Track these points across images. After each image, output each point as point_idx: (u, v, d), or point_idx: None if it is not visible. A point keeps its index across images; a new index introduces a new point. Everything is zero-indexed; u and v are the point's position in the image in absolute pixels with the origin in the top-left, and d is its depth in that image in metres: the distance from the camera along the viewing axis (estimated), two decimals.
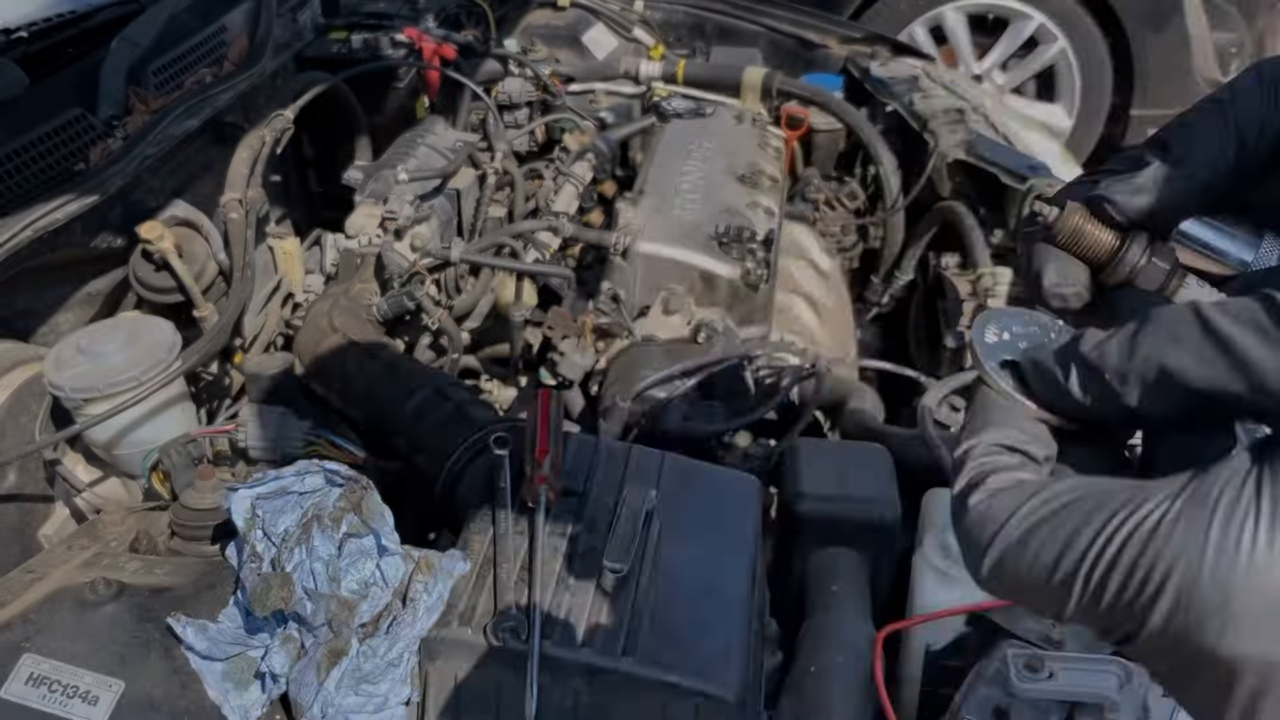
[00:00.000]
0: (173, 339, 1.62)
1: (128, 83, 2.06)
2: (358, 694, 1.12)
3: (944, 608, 1.31)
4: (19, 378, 1.60)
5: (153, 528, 1.39)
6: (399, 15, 2.85)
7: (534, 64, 2.71)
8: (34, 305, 1.82)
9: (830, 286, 2.43)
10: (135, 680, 1.12)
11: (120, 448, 1.58)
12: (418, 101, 2.72)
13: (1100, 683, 1.16)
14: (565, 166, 2.40)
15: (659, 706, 1.13)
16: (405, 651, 1.13)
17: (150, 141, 1.93)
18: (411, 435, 1.66)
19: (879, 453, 1.56)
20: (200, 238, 1.94)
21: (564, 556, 1.25)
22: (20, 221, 1.66)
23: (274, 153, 2.19)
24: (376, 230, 2.07)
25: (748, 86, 2.75)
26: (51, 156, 1.86)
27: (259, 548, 1.13)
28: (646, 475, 1.39)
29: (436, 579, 1.17)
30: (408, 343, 2.04)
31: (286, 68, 2.51)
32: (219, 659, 1.14)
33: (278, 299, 2.15)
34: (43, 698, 1.09)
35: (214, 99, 2.12)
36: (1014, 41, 4.54)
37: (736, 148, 2.43)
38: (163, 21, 2.18)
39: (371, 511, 1.15)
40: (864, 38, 3.12)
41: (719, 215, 2.11)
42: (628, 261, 2.02)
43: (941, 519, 1.42)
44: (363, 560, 1.14)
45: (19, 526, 1.55)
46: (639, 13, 3.21)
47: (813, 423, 1.76)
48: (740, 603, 1.23)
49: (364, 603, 1.13)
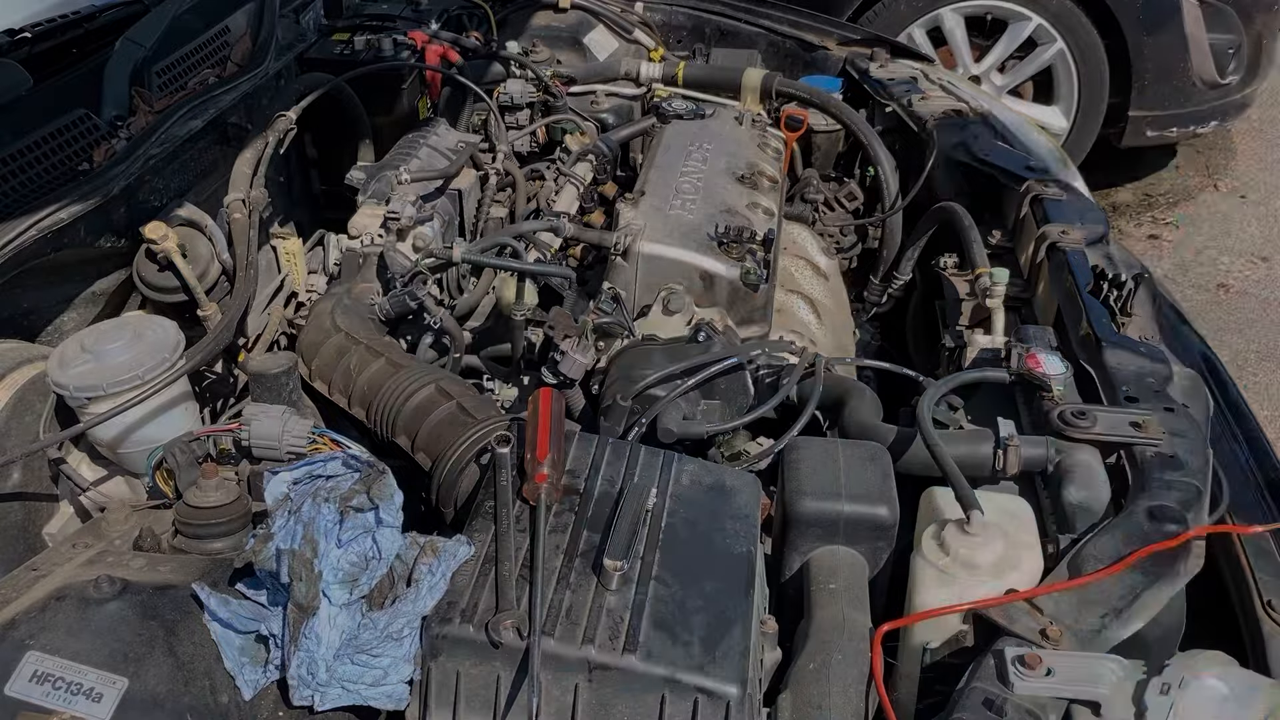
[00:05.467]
0: (176, 338, 1.63)
1: (131, 83, 2.07)
2: (354, 663, 1.15)
3: (942, 605, 1.32)
4: (23, 377, 1.61)
5: (156, 526, 1.40)
6: (401, 17, 2.86)
7: (535, 65, 2.72)
8: (38, 305, 1.83)
9: (829, 286, 2.44)
10: (139, 677, 1.13)
11: (124, 446, 1.59)
12: (420, 103, 2.73)
13: (1097, 680, 1.17)
14: (566, 167, 2.41)
15: (659, 703, 1.14)
16: (406, 628, 1.16)
17: (154, 142, 1.94)
18: (413, 434, 1.67)
19: (878, 452, 1.57)
20: (204, 238, 1.95)
21: (565, 554, 1.26)
22: (25, 221, 1.67)
23: (277, 153, 2.20)
24: (379, 230, 2.08)
25: (747, 88, 2.76)
26: (55, 157, 1.87)
27: (277, 523, 1.19)
28: (647, 474, 1.40)
29: (440, 561, 1.19)
30: (410, 342, 2.05)
31: (289, 69, 2.52)
32: (238, 631, 1.18)
33: (280, 299, 2.16)
34: (46, 695, 1.10)
35: (217, 100, 2.13)
36: (1012, 43, 4.55)
37: (736, 149, 2.44)
38: (166, 23, 2.19)
39: (382, 491, 1.19)
40: (863, 39, 3.12)
41: (719, 216, 2.12)
42: (628, 261, 2.03)
43: (939, 517, 1.43)
44: (364, 536, 1.18)
45: (23, 524, 1.56)
46: (639, 15, 3.22)
47: (812, 422, 1.76)
48: (740, 600, 1.23)
49: (362, 574, 1.16)
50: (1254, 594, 1.44)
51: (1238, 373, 3.81)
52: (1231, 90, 4.56)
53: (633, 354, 1.84)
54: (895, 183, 2.60)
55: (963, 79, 3.25)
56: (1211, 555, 1.46)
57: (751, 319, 2.04)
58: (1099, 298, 1.87)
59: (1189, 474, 1.46)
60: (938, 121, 2.54)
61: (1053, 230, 2.05)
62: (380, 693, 1.17)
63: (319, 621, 1.14)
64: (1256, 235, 4.72)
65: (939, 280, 2.30)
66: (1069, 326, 1.85)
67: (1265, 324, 4.17)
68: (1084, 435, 1.55)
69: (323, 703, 1.16)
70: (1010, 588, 1.31)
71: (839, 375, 1.86)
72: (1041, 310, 2.07)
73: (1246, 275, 4.46)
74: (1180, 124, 4.57)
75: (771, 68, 2.99)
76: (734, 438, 1.77)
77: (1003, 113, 2.82)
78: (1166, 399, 1.62)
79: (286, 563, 1.15)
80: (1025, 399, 1.73)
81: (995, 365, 1.74)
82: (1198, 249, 4.65)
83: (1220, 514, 1.56)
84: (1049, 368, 1.66)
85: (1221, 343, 4.02)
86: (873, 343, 2.67)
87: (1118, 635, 1.26)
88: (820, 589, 1.43)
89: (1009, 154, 2.41)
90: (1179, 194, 5.06)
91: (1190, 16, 4.33)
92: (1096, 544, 1.35)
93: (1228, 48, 4.46)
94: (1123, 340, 1.74)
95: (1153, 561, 1.32)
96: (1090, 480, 1.50)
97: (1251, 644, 1.39)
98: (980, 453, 1.57)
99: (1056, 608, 1.27)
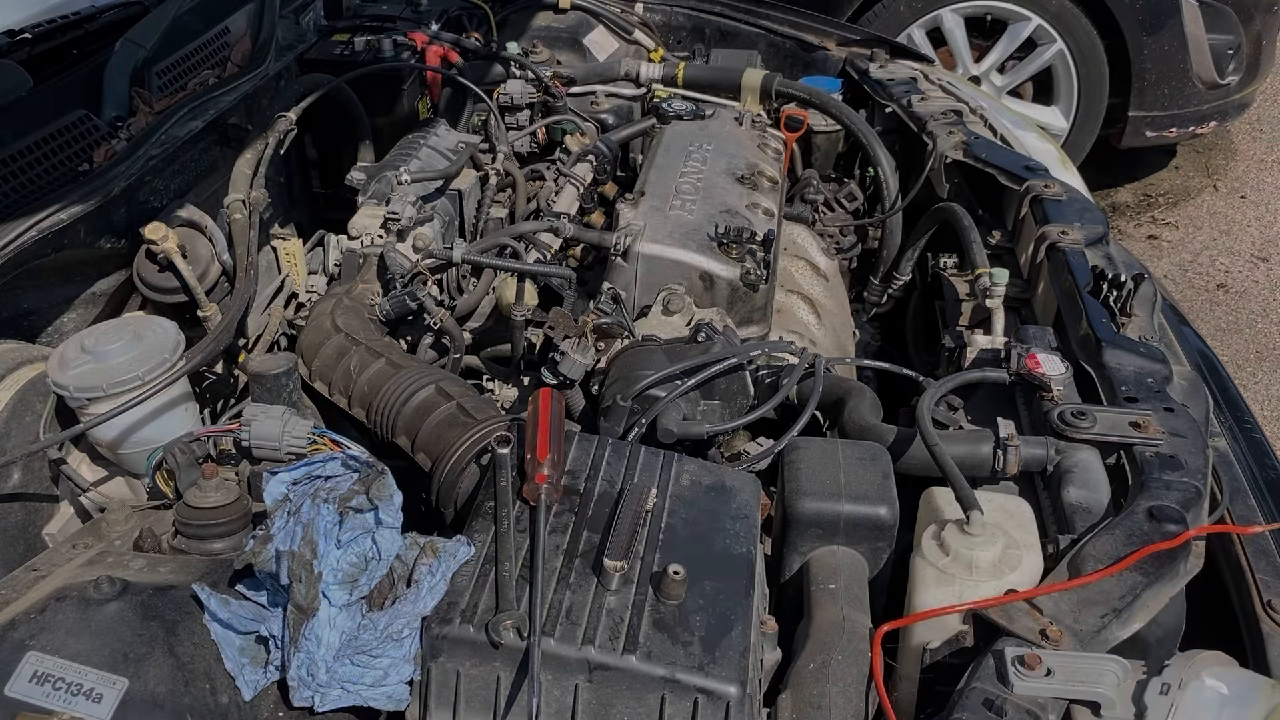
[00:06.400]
0: (176, 339, 1.63)
1: (132, 84, 2.07)
2: (355, 664, 1.15)
3: (942, 605, 1.32)
4: (23, 377, 1.61)
5: (156, 526, 1.40)
6: (401, 18, 2.86)
7: (535, 66, 2.72)
8: (38, 305, 1.83)
9: (829, 287, 2.44)
10: (139, 678, 1.13)
11: (124, 447, 1.59)
12: (420, 103, 2.73)
13: (1097, 680, 1.17)
14: (566, 168, 2.41)
15: (659, 703, 1.14)
16: (406, 628, 1.16)
17: (154, 143, 1.94)
18: (413, 434, 1.67)
19: (878, 452, 1.57)
20: (204, 238, 1.95)
21: (565, 554, 1.26)
22: (25, 222, 1.67)
23: (277, 154, 2.20)
24: (379, 231, 2.08)
25: (747, 88, 2.76)
26: (56, 157, 1.87)
27: (276, 524, 1.19)
28: (647, 474, 1.40)
29: (441, 561, 1.19)
30: (410, 342, 2.05)
31: (289, 70, 2.52)
32: (238, 631, 1.18)
33: (281, 299, 2.16)
34: (47, 695, 1.10)
35: (217, 100, 2.13)
36: (1012, 43, 4.55)
37: (736, 149, 2.44)
38: (166, 24, 2.19)
39: (381, 492, 1.20)
40: (863, 40, 3.13)
41: (719, 216, 2.12)
42: (628, 262, 2.03)
43: (939, 517, 1.43)
44: (364, 536, 1.18)
45: (24, 525, 1.56)
46: (639, 15, 3.22)
47: (812, 422, 1.76)
48: (740, 600, 1.24)
49: (362, 575, 1.17)
50: (1254, 594, 1.44)
51: (1237, 373, 3.81)
52: (1231, 90, 4.57)
53: (633, 354, 1.84)
54: (895, 183, 2.60)
55: (963, 79, 3.26)
56: (1211, 555, 1.46)
57: (751, 319, 2.04)
58: (1099, 298, 1.87)
59: (1189, 474, 1.46)
60: (937, 122, 2.53)
61: (1052, 230, 2.05)
62: (380, 693, 1.17)
63: (319, 622, 1.15)
64: (1256, 235, 4.72)
65: (939, 280, 2.30)
66: (1069, 326, 1.85)
67: (1265, 324, 4.17)
68: (1084, 435, 1.55)
69: (323, 703, 1.16)
70: (1010, 588, 1.32)
71: (839, 375, 1.86)
72: (1041, 310, 2.07)
73: (1246, 275, 4.47)
74: (1180, 124, 4.57)
75: (771, 68, 2.99)
76: (734, 438, 1.77)
77: (1002, 113, 2.82)
78: (1166, 399, 1.62)
79: (286, 563, 1.16)
80: (1025, 399, 1.73)
81: (995, 365, 1.74)
82: (1197, 249, 4.65)
83: (1220, 514, 1.56)
84: (1049, 368, 1.66)
85: (1221, 343, 4.02)
86: (873, 343, 2.67)
87: (1118, 635, 1.26)
88: (820, 589, 1.43)
89: (1009, 154, 2.42)
90: (1179, 194, 5.06)
91: (1190, 16, 4.34)
92: (1096, 544, 1.35)
93: (1227, 48, 4.46)
94: (1122, 340, 1.74)
95: (1153, 561, 1.32)
96: (1090, 480, 1.50)
97: (1251, 644, 1.39)
98: (980, 453, 1.57)
99: (1056, 608, 1.27)
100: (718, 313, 1.95)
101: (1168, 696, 1.15)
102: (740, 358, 1.79)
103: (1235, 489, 1.65)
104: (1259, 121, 5.54)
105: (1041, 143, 2.74)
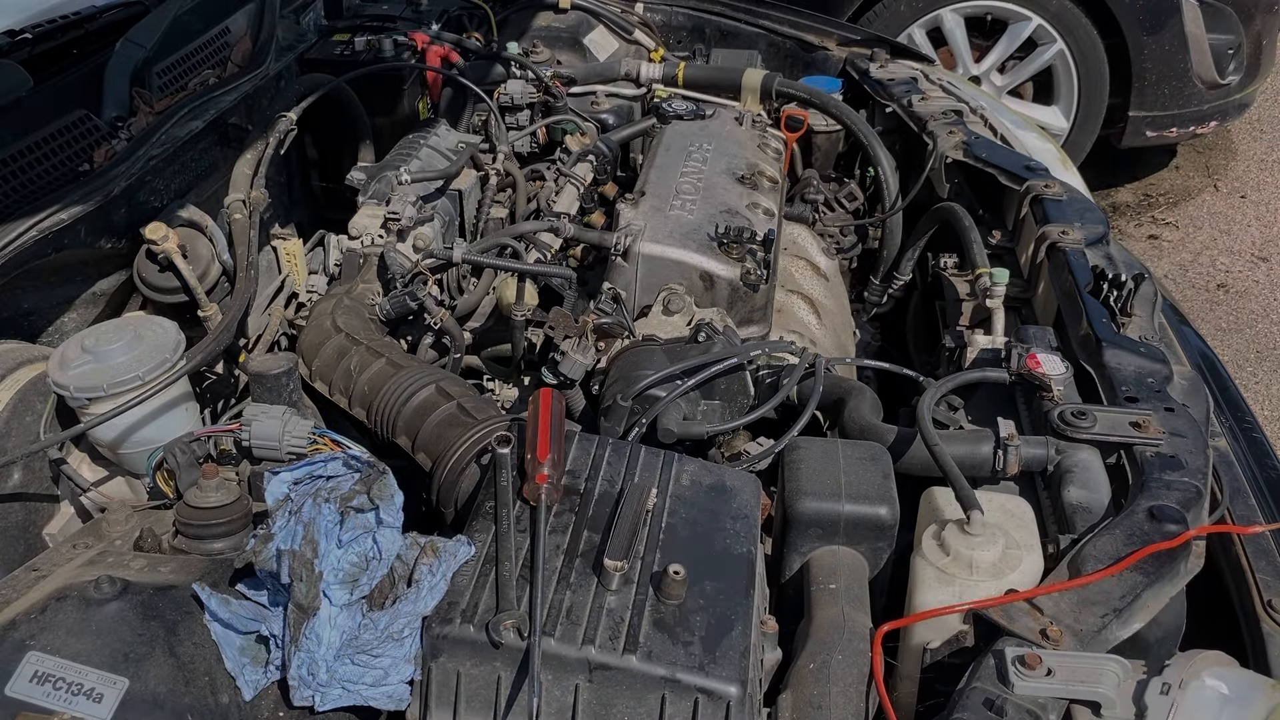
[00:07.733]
0: (177, 339, 1.63)
1: (132, 84, 2.07)
2: (355, 664, 1.15)
3: (942, 605, 1.32)
4: (24, 377, 1.61)
5: (157, 526, 1.40)
6: (402, 18, 2.87)
7: (535, 66, 2.72)
8: (39, 305, 1.84)
9: (829, 287, 2.44)
10: (139, 678, 1.13)
11: (125, 447, 1.59)
12: (420, 103, 2.73)
13: (1097, 680, 1.17)
14: (566, 168, 2.41)
15: (659, 703, 1.14)
16: (407, 628, 1.16)
17: (155, 143, 1.94)
18: (414, 434, 1.67)
19: (878, 452, 1.57)
20: (204, 238, 1.96)
21: (565, 554, 1.26)
22: (25, 222, 1.67)
23: (278, 154, 2.20)
24: (379, 231, 2.08)
25: (747, 88, 2.76)
26: (56, 158, 1.87)
27: (277, 523, 1.19)
28: (647, 474, 1.40)
29: (441, 561, 1.19)
30: (410, 342, 2.05)
31: (290, 70, 2.52)
32: (239, 631, 1.18)
33: (281, 299, 2.16)
34: (47, 695, 1.10)
35: (218, 100, 2.13)
36: (1012, 43, 4.55)
37: (736, 149, 2.44)
38: (167, 24, 2.19)
39: (382, 492, 1.20)
40: (863, 40, 3.13)
41: (719, 216, 2.12)
42: (628, 262, 2.03)
43: (939, 517, 1.43)
44: (364, 536, 1.18)
45: (24, 525, 1.56)
46: (639, 15, 3.22)
47: (813, 422, 1.76)
48: (740, 600, 1.24)
49: (363, 575, 1.17)
50: (1254, 594, 1.44)
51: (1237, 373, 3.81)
52: (1231, 90, 4.57)
53: (633, 354, 1.84)
54: (895, 183, 2.60)
55: (963, 79, 3.26)
56: (1212, 555, 1.46)
57: (751, 319, 2.04)
58: (1099, 298, 1.87)
59: (1189, 474, 1.46)
60: (938, 122, 2.54)
61: (1053, 230, 2.05)
62: (381, 693, 1.17)
63: (319, 622, 1.15)
64: (1256, 235, 4.72)
65: (939, 280, 2.30)
66: (1069, 326, 1.85)
67: (1265, 324, 4.17)
68: (1084, 435, 1.55)
69: (323, 703, 1.16)
70: (1010, 588, 1.32)
71: (839, 375, 1.86)
72: (1041, 310, 2.07)
73: (1246, 275, 4.47)
74: (1180, 124, 4.57)
75: (771, 68, 2.99)
76: (734, 438, 1.77)
77: (1003, 113, 2.82)
78: (1166, 399, 1.62)
79: (287, 563, 1.16)
80: (1025, 399, 1.73)
81: (995, 365, 1.74)
82: (1197, 249, 4.65)
83: (1220, 514, 1.56)
84: (1049, 368, 1.66)
85: (1222, 343, 4.02)
86: (873, 343, 2.68)
87: (1118, 635, 1.26)
88: (820, 589, 1.43)
89: (1009, 154, 2.42)
90: (1179, 194, 5.06)
91: (1190, 16, 4.34)
92: (1096, 544, 1.35)
93: (1227, 48, 4.46)
94: (1123, 340, 1.74)
95: (1153, 561, 1.32)
96: (1090, 480, 1.50)
97: (1251, 644, 1.39)
98: (980, 453, 1.57)
99: (1056, 608, 1.27)
100: (718, 313, 1.95)
101: (1168, 696, 1.15)
102: (740, 358, 1.79)
103: (1235, 489, 1.65)
104: (1259, 121, 5.54)
105: (1041, 143, 2.74)
